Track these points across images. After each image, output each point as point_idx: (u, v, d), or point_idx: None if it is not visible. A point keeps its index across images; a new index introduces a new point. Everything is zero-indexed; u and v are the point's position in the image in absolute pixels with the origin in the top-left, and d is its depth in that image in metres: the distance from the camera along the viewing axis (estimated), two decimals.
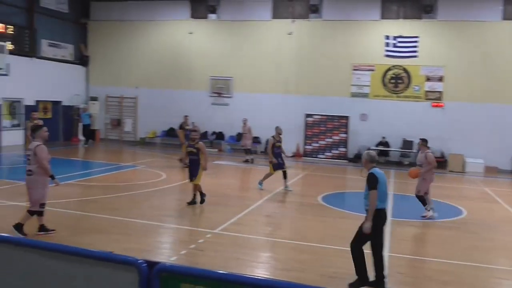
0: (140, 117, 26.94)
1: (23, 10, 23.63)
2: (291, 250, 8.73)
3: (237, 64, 24.96)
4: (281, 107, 24.22)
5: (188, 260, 7.75)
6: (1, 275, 4.75)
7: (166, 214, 11.10)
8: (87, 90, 27.80)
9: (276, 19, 24.49)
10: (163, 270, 4.01)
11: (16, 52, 21.80)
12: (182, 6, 25.92)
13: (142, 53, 26.67)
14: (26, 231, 8.57)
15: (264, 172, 18.84)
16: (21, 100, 23.28)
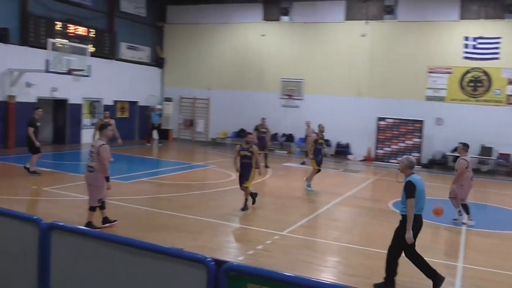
0: (212, 118, 27.47)
1: (105, 15, 24.80)
2: (359, 256, 8.56)
3: (309, 66, 24.85)
4: (352, 110, 23.84)
5: (255, 260, 7.80)
6: (75, 266, 5.00)
7: (234, 214, 11.23)
8: (162, 91, 28.72)
9: (349, 20, 24.14)
10: (231, 269, 4.05)
11: (97, 54, 22.92)
12: (255, 8, 26.18)
13: (215, 55, 27.19)
14: (96, 224, 8.97)
15: (333, 176, 18.61)
16: (100, 100, 24.45)
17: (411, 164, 6.98)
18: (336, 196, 13.81)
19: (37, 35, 20.52)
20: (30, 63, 19.24)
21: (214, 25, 27.03)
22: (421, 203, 6.83)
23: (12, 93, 19.44)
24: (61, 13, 22.05)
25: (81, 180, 13.70)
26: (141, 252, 4.56)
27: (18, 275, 5.42)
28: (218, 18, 26.99)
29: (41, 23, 20.82)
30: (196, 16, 27.58)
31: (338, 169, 20.47)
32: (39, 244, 5.15)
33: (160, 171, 17.33)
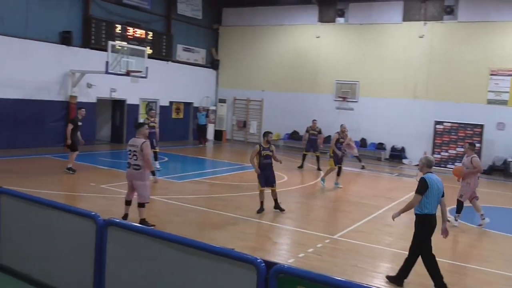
0: (265, 120, 27.56)
1: (162, 18, 25.40)
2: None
3: (364, 68, 24.48)
4: (408, 113, 23.28)
5: (306, 263, 7.75)
6: (129, 261, 5.14)
7: (285, 216, 11.22)
8: (216, 92, 29.10)
9: (407, 21, 23.59)
10: (280, 271, 4.06)
11: (154, 56, 23.50)
12: (311, 10, 26.05)
13: (269, 57, 27.27)
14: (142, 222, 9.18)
15: (387, 180, 18.30)
16: (156, 101, 25.06)
17: (429, 163, 7.11)
18: (390, 201, 13.52)
19: (98, 38, 21.29)
20: (91, 65, 19.99)
21: (269, 27, 27.13)
22: (434, 202, 6.88)
23: (74, 93, 20.25)
24: (121, 16, 22.78)
25: None
26: (192, 250, 4.64)
27: (75, 268, 5.64)
28: (273, 20, 27.07)
29: (102, 26, 21.58)
30: (251, 18, 27.78)
31: (393, 173, 20.05)
32: (96, 239, 5.34)
33: (213, 171, 17.55)
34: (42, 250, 5.93)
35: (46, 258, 5.87)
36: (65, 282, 5.66)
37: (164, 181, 14.20)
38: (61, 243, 5.72)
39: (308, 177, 16.93)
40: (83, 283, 5.40)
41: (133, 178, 9.24)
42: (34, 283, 5.95)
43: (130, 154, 9.22)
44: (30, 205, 6.08)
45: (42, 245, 5.93)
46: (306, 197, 13.45)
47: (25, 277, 6.08)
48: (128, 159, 9.28)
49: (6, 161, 15.79)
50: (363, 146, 24.49)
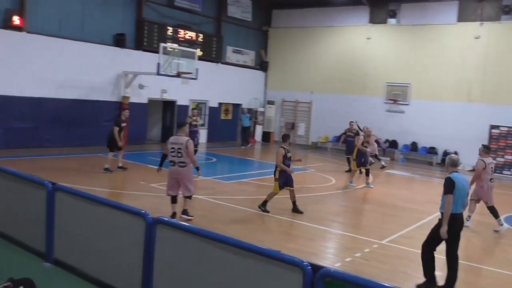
0: (313, 122, 27.41)
1: (213, 20, 25.72)
2: (464, 272, 8.07)
3: (416, 70, 23.92)
4: (462, 116, 22.56)
5: (353, 268, 7.64)
6: (176, 259, 5.22)
7: (332, 219, 11.11)
8: (265, 94, 29.18)
9: (462, 22, 22.87)
10: (327, 275, 4.01)
11: (204, 57, 23.81)
12: (361, 11, 25.70)
13: (318, 59, 27.10)
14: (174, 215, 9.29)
15: (438, 185, 17.90)
16: (206, 102, 25.38)
17: (452, 162, 7.17)
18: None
19: (150, 40, 21.79)
20: (143, 66, 20.49)
21: (319, 28, 26.96)
22: (460, 201, 6.92)
23: (126, 94, 20.79)
24: (173, 18, 23.23)
25: None
26: (238, 251, 4.65)
27: (124, 265, 5.77)
28: (323, 22, 26.89)
29: (154, 29, 22.08)
30: (300, 19, 27.69)
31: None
32: (145, 237, 5.44)
33: (260, 172, 17.58)
34: (93, 245, 6.11)
35: (97, 253, 6.05)
36: (114, 278, 5.81)
37: (212, 181, 14.36)
38: (112, 239, 5.88)
39: (356, 180, 16.69)
40: (132, 280, 5.52)
41: (179, 175, 9.53)
42: (86, 277, 6.14)
43: (174, 152, 9.48)
44: (83, 202, 6.27)
45: (93, 241, 6.11)
46: (354, 201, 13.26)
47: (77, 271, 6.29)
48: (171, 157, 9.54)
49: (62, 159, 16.40)
50: (413, 150, 23.94)
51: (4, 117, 17.10)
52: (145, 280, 5.38)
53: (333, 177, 16.90)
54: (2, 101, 16.99)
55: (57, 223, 6.57)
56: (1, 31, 16.88)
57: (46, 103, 18.22)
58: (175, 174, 9.56)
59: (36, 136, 18.04)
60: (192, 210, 10.09)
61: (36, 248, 6.86)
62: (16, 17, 17.05)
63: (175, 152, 9.46)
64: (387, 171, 19.99)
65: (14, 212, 7.32)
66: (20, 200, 7.22)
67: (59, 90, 18.64)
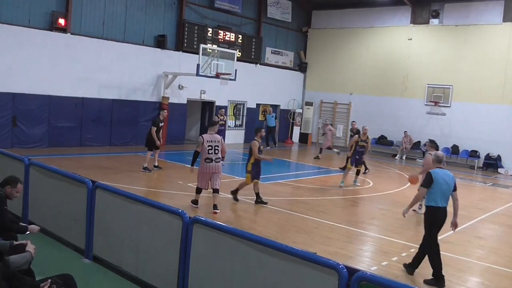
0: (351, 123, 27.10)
1: (252, 21, 25.82)
2: (505, 279, 7.85)
3: (458, 71, 23.34)
4: (506, 119, 21.87)
5: (389, 272, 7.53)
6: (212, 259, 5.27)
7: (369, 222, 10.98)
8: (303, 95, 29.08)
9: (507, 22, 22.19)
10: (363, 278, 3.98)
11: (243, 59, 23.92)
12: (403, 11, 25.27)
13: (358, 60, 26.81)
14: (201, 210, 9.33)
15: (480, 190, 17.51)
16: (244, 103, 25.49)
17: (437, 159, 7.59)
18: (482, 212, 12.80)
19: (190, 41, 22.06)
20: (182, 67, 20.77)
21: (359, 29, 26.68)
22: (439, 196, 7.22)
23: (166, 94, 21.12)
24: (213, 20, 23.45)
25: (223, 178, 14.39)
26: (274, 252, 4.67)
27: (161, 263, 5.88)
28: (363, 22, 26.59)
29: (194, 30, 22.34)
30: (340, 20, 27.47)
31: (486, 183, 18.96)
32: (181, 236, 5.52)
33: (297, 174, 17.53)
34: (131, 243, 6.23)
35: (135, 251, 6.17)
36: (151, 276, 5.92)
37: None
38: (149, 238, 5.99)
39: (394, 183, 16.45)
40: (168, 278, 5.62)
41: (217, 169, 10.25)
42: (123, 274, 6.28)
43: (212, 149, 10.11)
44: (122, 200, 6.41)
45: (131, 238, 6.24)
46: (391, 204, 13.06)
47: (115, 268, 6.44)
48: (208, 154, 10.08)
49: (102, 157, 16.80)
50: (454, 153, 23.37)
51: (48, 116, 17.64)
52: (181, 279, 5.47)
53: (371, 180, 16.69)
54: (47, 100, 17.53)
55: (96, 221, 6.74)
56: (47, 33, 17.43)
57: (88, 103, 18.71)
58: (213, 169, 10.17)
59: (78, 135, 18.55)
60: (228, 210, 10.16)
61: (76, 244, 7.07)
62: (61, 19, 17.58)
63: (213, 149, 10.10)
64: None
65: (55, 209, 7.55)
66: (62, 197, 7.45)
67: (101, 90, 19.11)
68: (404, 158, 24.12)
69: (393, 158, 24.02)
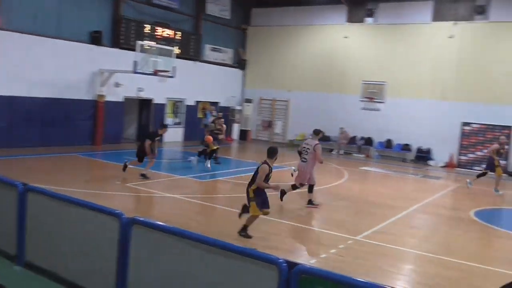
0: (290, 120, 27.52)
1: (191, 18, 25.59)
2: (436, 266, 8.24)
3: (392, 68, 24.21)
4: (435, 114, 22.91)
5: (328, 264, 7.72)
6: (152, 260, 5.19)
7: (308, 216, 11.20)
8: (243, 92, 29.18)
9: (436, 21, 23.23)
10: (302, 272, 4.05)
11: (182, 56, 23.67)
12: (339, 10, 25.87)
13: (297, 57, 27.20)
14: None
15: (412, 181, 18.17)
16: (183, 100, 25.25)
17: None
18: (414, 203, 13.36)
19: (127, 37, 21.56)
20: (119, 64, 20.27)
21: (297, 27, 27.06)
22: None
23: (102, 92, 20.56)
24: (151, 16, 23.04)
25: (162, 177, 14.19)
26: (215, 249, 4.66)
27: (98, 266, 5.69)
28: (301, 20, 26.99)
29: (132, 26, 21.86)
30: (279, 18, 27.75)
31: (418, 174, 19.79)
32: (119, 237, 5.37)
33: (237, 171, 17.58)
34: (66, 247, 6.00)
35: (70, 255, 5.94)
36: (88, 280, 5.71)
37: (189, 180, 14.31)
38: (85, 241, 5.79)
39: (332, 178, 16.85)
40: (106, 282, 5.45)
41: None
42: (58, 280, 6.03)
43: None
44: (56, 203, 6.15)
45: (67, 242, 6.00)
46: (330, 198, 13.38)
47: (49, 274, 6.16)
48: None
49: (35, 159, 16.13)
50: (388, 147, 24.24)
51: None
52: (119, 282, 5.33)
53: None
54: None
55: (28, 225, 6.42)
56: None
57: (18, 101, 17.86)
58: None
59: (8, 136, 17.65)
60: (168, 210, 10.03)
61: (6, 251, 6.71)
62: None
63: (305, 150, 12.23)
64: (362, 168, 20.20)
65: None
66: None
67: (32, 88, 18.29)
68: (342, 153, 24.74)
69: (330, 153, 24.58)
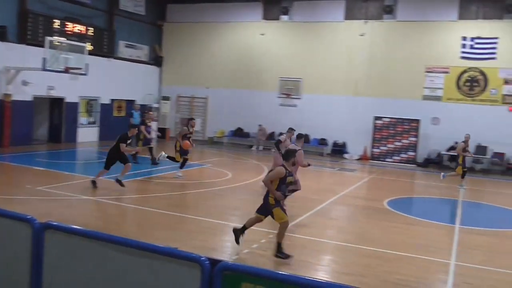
0: (209, 117, 27.47)
1: (104, 13, 24.75)
2: (354, 254, 8.59)
3: (307, 65, 24.86)
4: (349, 109, 23.88)
5: (250, 259, 7.81)
6: (68, 266, 4.98)
7: (230, 213, 11.25)
8: (160, 90, 28.71)
9: (348, 20, 24.15)
10: (225, 268, 4.06)
11: (95, 52, 22.82)
12: (255, 7, 26.16)
13: (214, 54, 27.17)
14: None
15: (329, 174, 18.73)
16: (97, 99, 24.40)
17: None
18: (332, 195, 13.83)
19: (35, 33, 20.45)
20: (27, 61, 19.18)
21: (214, 23, 27.01)
22: None
23: (8, 91, 19.38)
24: (60, 10, 22.00)
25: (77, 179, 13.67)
26: (135, 251, 4.55)
27: (9, 276, 5.38)
28: (218, 17, 26.97)
29: (40, 21, 20.76)
30: (196, 14, 27.55)
31: (334, 168, 20.51)
32: (32, 244, 5.10)
33: (156, 170, 17.29)
34: None
35: None
36: None
37: (105, 181, 13.85)
38: None
39: (252, 173, 17.04)
40: None
41: None
42: None
43: None
44: None
45: None
46: (251, 194, 13.51)
47: None
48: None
49: None
50: (306, 141, 24.82)
51: None
52: None
53: (230, 171, 17.08)
54: None
55: None
56: None
57: None
58: None
59: None
60: (85, 212, 9.67)
61: None
62: None
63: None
64: None
65: None
66: None
67: None
68: (261, 148, 25.09)
69: (250, 149, 24.83)
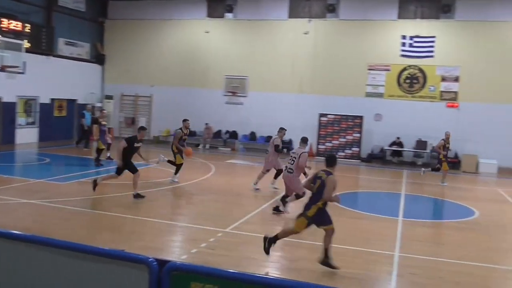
0: (154, 116, 27.09)
1: (41, 9, 23.86)
2: (303, 250, 8.71)
3: (253, 63, 24.95)
4: (295, 106, 24.17)
5: (199, 259, 7.77)
6: (11, 272, 4.79)
7: (177, 212, 11.16)
8: (103, 88, 28.01)
9: (292, 18, 24.43)
10: (173, 269, 4.02)
11: (33, 50, 21.98)
12: (199, 5, 25.97)
13: (158, 52, 26.79)
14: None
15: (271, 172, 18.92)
16: (36, 98, 23.51)
17: None
18: (279, 192, 13.95)
19: None
20: None
21: (158, 21, 26.62)
22: None
23: None
24: None
25: (17, 182, 13.17)
26: (80, 255, 4.43)
27: None
28: (162, 14, 26.59)
29: None
30: (139, 11, 27.04)
31: (281, 165, 20.67)
32: None
33: (100, 171, 16.89)
34: None
35: None
36: None
37: (45, 183, 13.39)
38: None
39: (199, 172, 16.96)
40: None
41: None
42: None
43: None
44: None
45: None
46: (198, 192, 13.45)
47: None
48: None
49: None
50: (252, 139, 24.99)
51: None
52: None
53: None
54: None
55: None
56: None
57: None
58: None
59: None
60: (26, 217, 9.32)
61: None
62: None
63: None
64: (228, 161, 20.61)
65: None
66: None
67: None
68: (208, 147, 24.98)
69: (196, 148, 24.68)
